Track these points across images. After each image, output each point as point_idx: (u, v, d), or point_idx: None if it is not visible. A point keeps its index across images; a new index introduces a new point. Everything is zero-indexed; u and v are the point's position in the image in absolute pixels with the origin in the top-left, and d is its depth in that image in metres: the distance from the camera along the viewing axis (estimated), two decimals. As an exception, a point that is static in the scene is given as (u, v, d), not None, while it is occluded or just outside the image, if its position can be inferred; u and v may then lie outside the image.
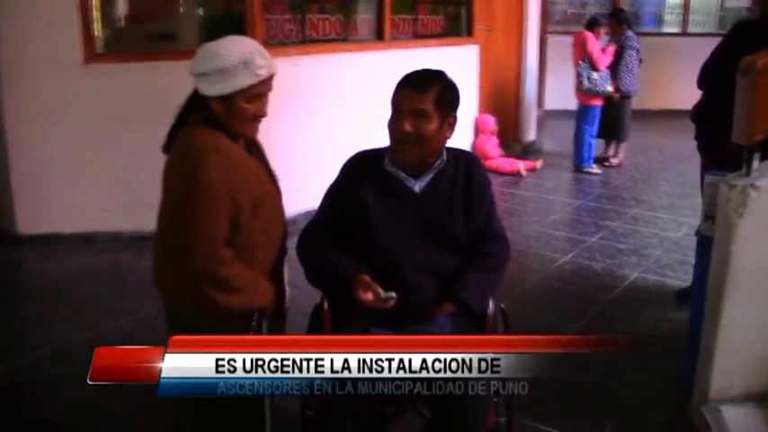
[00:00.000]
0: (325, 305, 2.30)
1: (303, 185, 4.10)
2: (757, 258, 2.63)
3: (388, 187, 2.31)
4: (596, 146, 7.55)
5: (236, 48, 2.06)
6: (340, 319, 2.24)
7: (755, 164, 2.60)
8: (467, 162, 2.38)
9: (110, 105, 4.93)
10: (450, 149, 2.38)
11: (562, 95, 9.76)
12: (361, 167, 2.37)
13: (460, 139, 6.64)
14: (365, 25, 6.23)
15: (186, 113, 2.18)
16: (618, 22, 7.30)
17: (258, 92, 2.09)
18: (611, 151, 7.77)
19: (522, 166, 7.23)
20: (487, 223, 2.37)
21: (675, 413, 3.03)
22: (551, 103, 10.43)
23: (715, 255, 2.72)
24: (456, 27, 7.32)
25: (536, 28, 8.44)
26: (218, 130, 2.10)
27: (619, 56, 7.17)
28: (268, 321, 2.20)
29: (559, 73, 10.02)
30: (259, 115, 2.13)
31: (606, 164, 7.64)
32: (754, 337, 2.75)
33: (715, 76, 3.76)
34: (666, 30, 12.08)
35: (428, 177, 2.32)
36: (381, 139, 2.35)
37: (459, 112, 2.34)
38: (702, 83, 3.89)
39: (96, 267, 4.66)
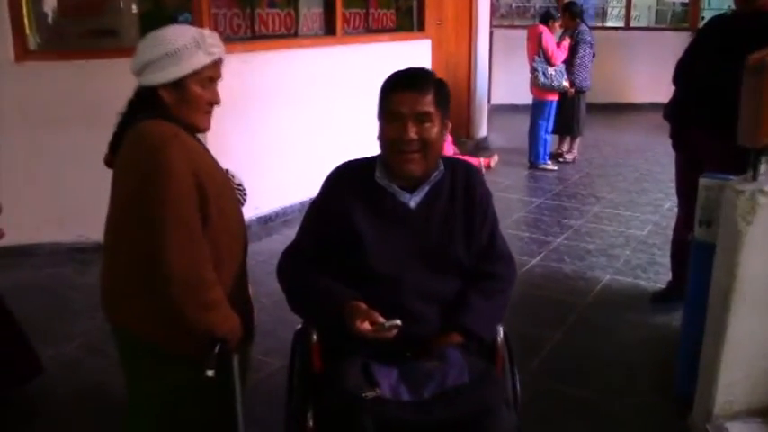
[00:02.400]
0: (314, 337, 2.03)
1: (255, 190, 3.79)
2: (766, 267, 2.48)
3: (381, 203, 2.06)
4: (551, 141, 7.45)
5: (185, 31, 1.92)
6: (332, 353, 1.98)
7: (763, 167, 2.44)
8: (465, 174, 2.14)
9: (45, 106, 4.57)
10: (443, 158, 2.15)
11: (509, 90, 9.71)
12: (347, 181, 2.12)
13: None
14: (316, 20, 5.95)
15: (130, 118, 1.92)
16: (571, 16, 7.17)
17: (211, 75, 1.93)
18: (564, 147, 7.67)
19: (482, 162, 7.08)
20: (491, 241, 2.14)
21: (671, 425, 2.90)
22: (498, 97, 10.33)
23: (719, 264, 2.56)
24: (407, 21, 7.11)
25: (486, 22, 8.30)
26: (172, 123, 1.90)
27: (573, 50, 7.06)
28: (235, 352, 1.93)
29: (506, 67, 9.95)
30: (213, 102, 1.96)
31: (561, 160, 7.54)
32: (760, 349, 2.60)
33: (689, 73, 3.65)
34: (609, 24, 12.16)
35: (424, 191, 2.08)
36: (336, 139, 2.12)
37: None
38: (677, 80, 3.77)
39: (34, 284, 4.26)
